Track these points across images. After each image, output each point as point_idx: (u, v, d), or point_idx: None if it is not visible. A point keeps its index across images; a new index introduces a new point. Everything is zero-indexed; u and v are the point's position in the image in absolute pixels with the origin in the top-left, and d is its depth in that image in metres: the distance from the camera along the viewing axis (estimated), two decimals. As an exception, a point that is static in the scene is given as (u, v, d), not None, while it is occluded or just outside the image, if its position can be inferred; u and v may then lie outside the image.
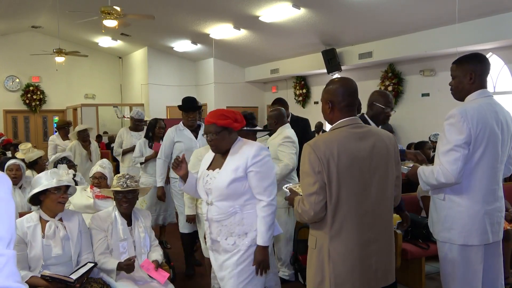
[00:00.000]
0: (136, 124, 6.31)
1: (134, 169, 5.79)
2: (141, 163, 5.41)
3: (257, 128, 3.46)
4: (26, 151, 5.81)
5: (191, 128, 4.49)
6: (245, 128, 3.17)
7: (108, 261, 2.98)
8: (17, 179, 4.23)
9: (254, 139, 3.30)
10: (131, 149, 5.91)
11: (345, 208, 2.10)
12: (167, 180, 4.69)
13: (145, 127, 5.97)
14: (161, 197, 4.62)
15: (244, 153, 2.65)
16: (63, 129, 7.19)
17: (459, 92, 2.64)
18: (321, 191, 2.08)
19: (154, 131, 5.38)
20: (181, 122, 4.55)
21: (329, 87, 2.25)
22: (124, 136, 6.29)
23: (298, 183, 2.77)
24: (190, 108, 4.44)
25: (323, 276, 2.14)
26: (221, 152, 2.72)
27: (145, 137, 5.52)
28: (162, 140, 4.76)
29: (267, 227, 2.61)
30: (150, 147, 5.34)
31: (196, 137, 4.47)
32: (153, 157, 5.10)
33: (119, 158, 6.47)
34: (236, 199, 2.64)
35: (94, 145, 6.82)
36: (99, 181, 3.82)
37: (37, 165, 5.18)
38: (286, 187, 2.62)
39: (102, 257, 3.02)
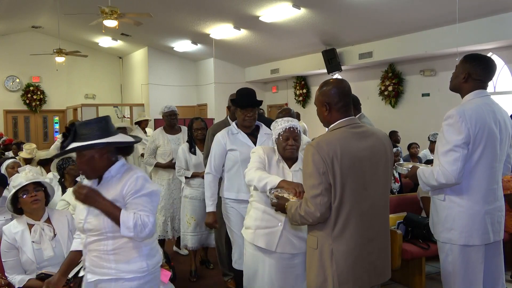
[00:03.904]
0: (171, 121, 5.09)
1: (174, 181, 4.97)
2: (186, 177, 4.47)
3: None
4: (31, 151, 5.86)
5: (248, 131, 3.49)
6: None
7: None
8: None
9: None
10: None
11: (347, 207, 2.10)
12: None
13: (179, 128, 5.19)
14: (212, 224, 3.55)
15: None
16: None
17: (452, 83, 2.69)
18: (326, 192, 2.07)
19: (192, 133, 4.50)
20: (234, 123, 3.56)
21: (324, 89, 2.22)
22: (160, 141, 5.05)
23: (277, 189, 2.48)
24: (248, 103, 3.41)
25: (326, 276, 2.14)
26: None
27: (187, 141, 4.59)
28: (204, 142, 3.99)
29: None
30: (193, 153, 4.46)
31: (255, 143, 3.44)
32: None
33: (149, 169, 5.23)
34: None
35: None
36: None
37: (47, 166, 5.16)
38: (271, 193, 2.40)
39: None
